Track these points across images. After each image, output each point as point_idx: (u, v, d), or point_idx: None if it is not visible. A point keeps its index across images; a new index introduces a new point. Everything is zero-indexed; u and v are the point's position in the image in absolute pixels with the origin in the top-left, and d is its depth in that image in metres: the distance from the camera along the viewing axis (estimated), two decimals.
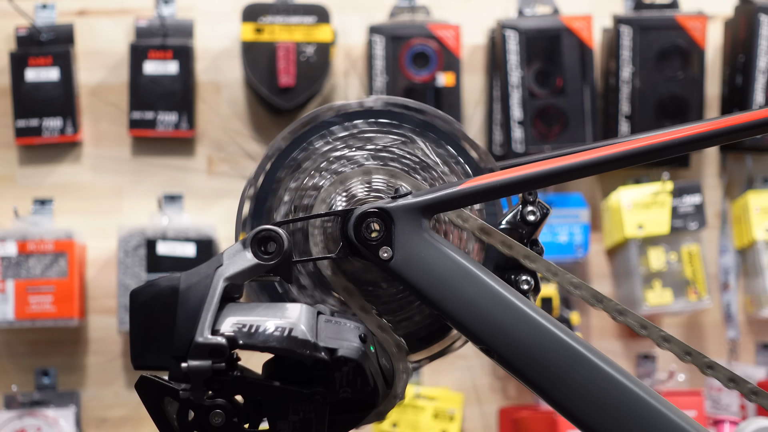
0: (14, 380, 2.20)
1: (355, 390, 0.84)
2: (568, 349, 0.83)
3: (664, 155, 0.88)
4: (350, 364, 0.83)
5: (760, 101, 2.20)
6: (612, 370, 0.85)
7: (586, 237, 2.22)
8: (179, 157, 2.26)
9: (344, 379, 0.83)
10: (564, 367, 0.83)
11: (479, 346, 0.85)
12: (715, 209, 2.29)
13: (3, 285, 2.12)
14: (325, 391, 0.83)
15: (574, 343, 0.84)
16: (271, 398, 0.84)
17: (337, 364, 0.83)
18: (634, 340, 2.29)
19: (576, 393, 0.83)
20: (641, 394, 0.84)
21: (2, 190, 2.24)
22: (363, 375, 0.84)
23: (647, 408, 0.84)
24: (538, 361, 0.83)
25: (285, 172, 0.92)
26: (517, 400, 2.26)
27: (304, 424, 0.84)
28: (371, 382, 0.84)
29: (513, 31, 2.17)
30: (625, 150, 0.87)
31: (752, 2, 2.20)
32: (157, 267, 2.14)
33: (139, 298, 0.83)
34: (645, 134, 0.89)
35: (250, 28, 2.17)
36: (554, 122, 2.19)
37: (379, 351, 0.88)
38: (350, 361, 0.83)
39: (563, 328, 0.85)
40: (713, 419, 2.20)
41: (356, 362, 0.83)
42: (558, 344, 0.84)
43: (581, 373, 0.83)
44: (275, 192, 0.92)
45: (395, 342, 0.89)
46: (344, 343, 0.84)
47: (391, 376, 0.88)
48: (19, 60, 2.19)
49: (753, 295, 2.27)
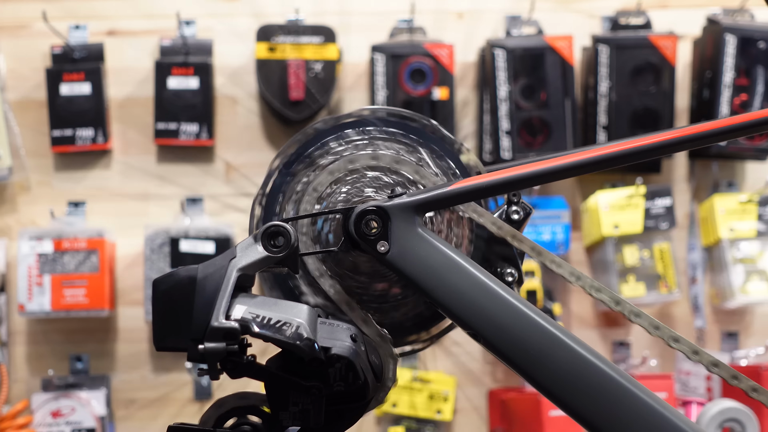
0: (51, 365, 2.21)
1: (348, 384, 0.84)
2: (547, 335, 0.83)
3: (635, 159, 0.88)
4: (342, 361, 0.83)
5: (725, 113, 2.20)
6: (589, 355, 0.84)
7: (567, 235, 2.22)
8: (200, 163, 2.26)
9: (337, 375, 0.84)
10: (544, 351, 0.83)
11: (467, 330, 0.85)
12: (684, 211, 2.29)
13: (40, 279, 2.13)
14: (321, 384, 0.84)
15: (553, 329, 0.84)
16: (274, 388, 0.84)
17: (330, 361, 0.83)
18: (611, 329, 2.29)
19: (555, 374, 0.83)
20: (615, 377, 0.84)
21: (39, 194, 2.25)
22: (354, 371, 0.84)
23: (620, 389, 0.84)
24: (520, 344, 0.83)
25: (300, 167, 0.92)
26: (504, 383, 2.26)
27: (303, 414, 0.84)
28: (361, 376, 0.84)
29: (501, 49, 2.17)
30: (599, 154, 0.87)
31: (718, 23, 2.20)
32: (179, 263, 2.13)
33: (161, 286, 0.83)
34: (618, 142, 0.89)
35: (264, 47, 2.17)
36: (538, 132, 2.19)
37: (368, 349, 0.87)
38: (342, 358, 0.83)
39: (543, 316, 0.84)
40: (682, 400, 2.20)
41: (348, 359, 0.83)
42: (538, 330, 0.83)
43: (559, 356, 0.83)
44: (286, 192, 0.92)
45: (377, 332, 0.89)
46: (337, 343, 0.84)
47: (380, 371, 0.88)
48: (54, 76, 2.19)
49: (718, 288, 2.27)
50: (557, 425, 2.07)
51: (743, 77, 2.21)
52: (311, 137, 0.93)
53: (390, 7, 2.26)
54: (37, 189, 2.24)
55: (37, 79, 2.22)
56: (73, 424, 2.12)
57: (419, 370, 2.23)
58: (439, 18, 2.28)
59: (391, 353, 0.90)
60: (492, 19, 2.28)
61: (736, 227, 2.22)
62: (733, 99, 2.20)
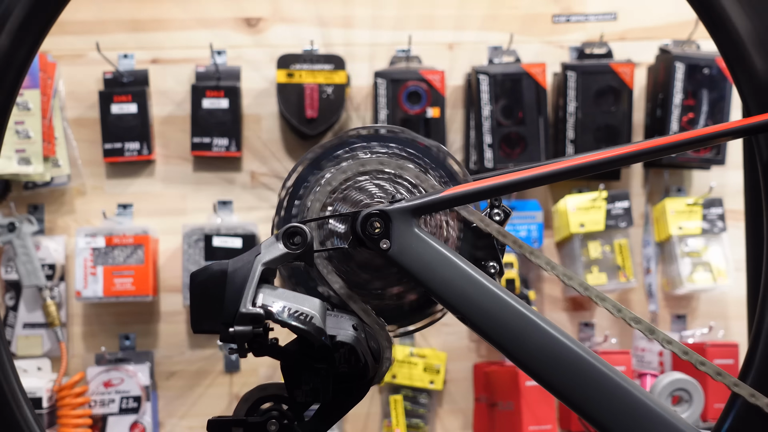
0: (103, 343, 2.21)
1: (351, 366, 0.84)
2: (523, 317, 0.83)
3: (598, 169, 0.87)
4: (346, 347, 0.83)
5: (675, 129, 2.20)
6: (558, 334, 0.84)
7: (540, 233, 2.22)
8: (229, 172, 2.26)
9: (342, 358, 0.84)
10: (520, 331, 0.83)
11: (456, 315, 0.85)
12: (640, 212, 2.29)
13: (94, 270, 2.13)
14: (328, 366, 0.84)
15: (528, 313, 0.84)
16: (289, 368, 0.85)
17: (336, 346, 0.83)
18: (577, 312, 2.29)
19: (530, 351, 0.83)
20: (581, 353, 0.84)
21: (93, 197, 2.25)
22: (356, 354, 0.84)
23: (585, 363, 0.84)
24: (501, 326, 0.83)
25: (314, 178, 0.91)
26: (487, 358, 2.26)
27: (314, 392, 0.84)
28: (362, 359, 0.84)
29: (485, 75, 2.17)
30: (568, 166, 0.87)
31: (669, 52, 2.19)
32: (212, 256, 2.14)
33: (197, 278, 0.83)
34: (584, 154, 0.89)
35: (284, 73, 2.17)
36: (516, 145, 2.19)
37: (368, 336, 0.87)
38: (346, 344, 0.83)
39: (520, 302, 0.84)
40: (638, 373, 2.20)
41: (350, 345, 0.83)
42: (515, 313, 0.83)
43: (533, 335, 0.83)
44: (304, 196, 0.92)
45: (376, 321, 0.89)
46: (341, 331, 0.84)
47: (378, 354, 0.88)
48: (106, 97, 2.20)
49: (669, 277, 2.27)
50: (531, 393, 2.07)
51: (690, 98, 2.21)
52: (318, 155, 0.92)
53: (390, 39, 2.27)
54: (92, 193, 2.25)
55: (92, 100, 2.22)
56: (122, 393, 2.13)
57: (415, 347, 2.23)
58: (431, 48, 2.28)
59: (387, 338, 0.90)
60: (477, 50, 2.28)
61: (684, 226, 2.22)
62: (682, 117, 2.20)
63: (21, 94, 2.06)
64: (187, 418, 2.23)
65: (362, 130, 0.94)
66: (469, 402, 2.27)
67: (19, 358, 2.17)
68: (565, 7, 2.29)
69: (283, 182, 0.92)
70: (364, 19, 2.27)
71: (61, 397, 2.09)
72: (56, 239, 2.21)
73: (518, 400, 2.07)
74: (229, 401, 2.24)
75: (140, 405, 2.13)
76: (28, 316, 2.18)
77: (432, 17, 2.28)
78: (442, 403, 2.26)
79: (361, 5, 2.26)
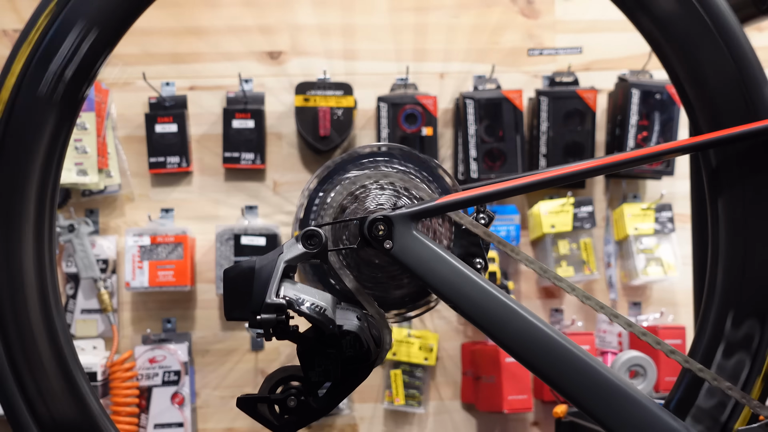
0: (148, 326, 2.21)
1: (356, 350, 0.84)
2: (504, 305, 0.83)
3: (567, 180, 0.88)
4: (351, 335, 0.83)
5: (631, 146, 2.20)
6: (533, 318, 0.84)
7: (518, 233, 2.22)
8: (255, 181, 2.27)
9: (348, 344, 0.83)
10: (501, 316, 0.83)
11: (448, 303, 0.85)
12: (602, 215, 2.29)
13: (141, 264, 2.13)
14: (337, 351, 0.84)
15: (508, 301, 0.84)
16: (305, 352, 0.84)
17: (343, 334, 0.83)
18: (549, 300, 2.30)
19: (509, 333, 0.83)
20: (552, 334, 0.84)
21: (140, 203, 2.25)
22: (360, 341, 0.83)
23: (555, 343, 0.84)
24: (484, 312, 0.83)
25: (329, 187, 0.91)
26: (473, 338, 2.26)
27: (325, 372, 0.84)
28: (365, 345, 0.84)
29: (471, 99, 2.17)
30: (541, 178, 0.87)
31: (626, 80, 2.20)
32: (241, 253, 2.14)
33: (229, 274, 0.83)
34: (555, 167, 0.90)
35: (301, 98, 2.17)
36: (497, 159, 2.19)
37: (370, 325, 0.87)
38: (351, 332, 0.83)
39: (502, 292, 0.84)
40: (600, 351, 2.20)
41: (355, 333, 0.83)
42: (497, 302, 0.83)
43: (512, 320, 0.83)
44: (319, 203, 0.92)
45: (377, 311, 0.89)
46: (348, 322, 0.84)
47: (379, 340, 0.87)
48: (151, 118, 2.20)
49: (626, 270, 2.27)
50: (510, 368, 2.07)
51: (644, 119, 2.21)
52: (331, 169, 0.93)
53: (391, 69, 2.27)
54: (139, 200, 2.25)
55: (139, 121, 2.23)
56: (165, 368, 2.13)
57: (412, 329, 2.23)
58: (425, 77, 2.28)
59: (387, 326, 0.90)
60: (464, 78, 2.28)
61: (639, 227, 2.22)
62: (637, 135, 2.21)
63: (79, 117, 2.06)
64: (219, 389, 2.23)
65: (367, 147, 0.94)
66: (458, 375, 2.27)
67: (77, 338, 2.17)
68: (538, 43, 2.30)
69: (302, 191, 0.92)
70: (369, 52, 2.28)
71: (112, 371, 2.09)
72: (109, 238, 2.21)
73: (499, 374, 2.07)
74: (255, 375, 2.24)
75: (180, 378, 2.13)
76: (85, 303, 2.19)
77: (426, 51, 2.29)
78: (434, 376, 2.26)
79: (365, 40, 2.27)
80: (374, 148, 0.94)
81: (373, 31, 2.28)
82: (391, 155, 0.92)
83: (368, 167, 0.91)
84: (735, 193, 0.85)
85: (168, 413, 2.12)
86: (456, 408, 2.28)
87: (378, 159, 0.93)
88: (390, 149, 0.93)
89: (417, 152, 0.92)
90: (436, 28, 2.29)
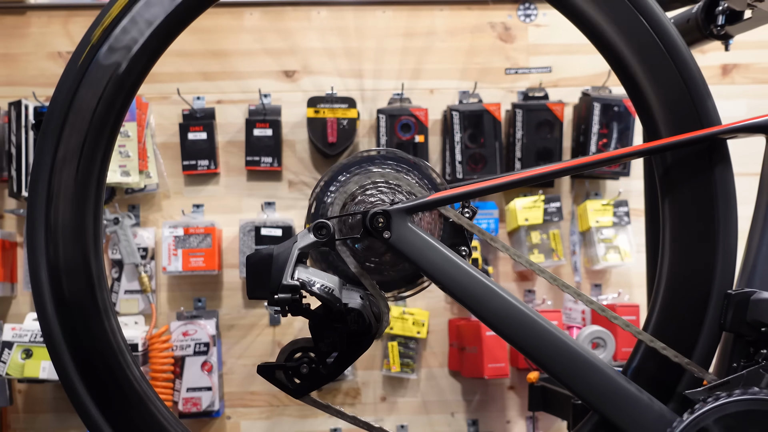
0: (182, 304, 2.21)
1: (359, 325, 0.83)
2: (485, 286, 0.83)
3: (538, 180, 0.88)
4: (355, 311, 0.83)
5: (593, 151, 2.20)
6: (509, 297, 0.84)
7: (497, 225, 2.22)
8: (272, 181, 2.26)
9: (352, 320, 0.83)
10: (483, 295, 0.83)
11: (437, 284, 0.85)
12: (568, 210, 2.29)
13: (176, 252, 2.13)
14: (342, 326, 0.83)
15: (488, 283, 0.84)
16: (315, 326, 0.84)
17: (348, 311, 0.83)
18: (523, 282, 2.30)
19: (489, 310, 0.83)
20: (526, 311, 0.84)
21: (175, 200, 2.24)
22: (362, 317, 0.83)
23: (529, 318, 0.83)
24: (469, 292, 0.83)
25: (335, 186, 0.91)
26: (459, 315, 2.26)
27: (333, 344, 0.84)
28: (367, 321, 0.84)
29: (456, 111, 2.17)
30: (517, 178, 0.87)
31: (589, 95, 2.19)
32: (260, 242, 2.14)
33: (251, 259, 0.83)
34: (528, 169, 0.89)
35: (312, 110, 2.17)
36: (479, 162, 2.19)
37: (371, 303, 0.87)
38: (355, 310, 0.83)
39: (483, 275, 0.84)
40: (567, 326, 2.20)
41: (358, 310, 0.83)
42: (480, 284, 0.83)
43: (492, 299, 0.83)
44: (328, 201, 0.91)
45: (378, 292, 0.88)
46: (352, 300, 0.83)
47: (379, 316, 0.87)
48: (184, 128, 2.20)
49: (589, 257, 2.27)
50: (490, 340, 2.08)
51: (604, 128, 2.21)
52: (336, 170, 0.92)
53: (388, 86, 2.26)
54: (174, 197, 2.25)
55: (174, 129, 2.22)
56: (196, 340, 2.13)
57: (407, 307, 2.23)
58: (418, 93, 2.28)
59: (385, 304, 0.90)
60: (451, 93, 2.28)
61: (600, 220, 2.22)
62: (598, 142, 2.20)
63: (123, 126, 2.06)
64: (242, 358, 2.23)
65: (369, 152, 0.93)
66: (445, 347, 2.27)
67: (121, 315, 2.17)
68: (514, 63, 2.29)
69: (313, 189, 0.92)
70: (369, 71, 2.27)
71: (151, 343, 2.09)
72: (148, 230, 2.21)
73: (480, 345, 2.07)
74: (272, 346, 2.24)
75: (209, 349, 2.13)
76: (128, 285, 2.18)
77: (418, 70, 2.28)
78: (425, 347, 2.26)
79: (367, 62, 2.26)
80: (374, 152, 0.93)
81: (373, 54, 2.27)
82: (388, 158, 0.92)
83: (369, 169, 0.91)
84: (682, 190, 0.85)
85: (198, 379, 2.12)
86: (443, 374, 2.28)
87: (378, 162, 0.92)
88: (388, 153, 0.93)
89: (411, 156, 0.92)
90: (427, 51, 2.29)
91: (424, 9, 2.29)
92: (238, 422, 2.23)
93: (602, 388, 0.81)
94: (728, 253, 0.83)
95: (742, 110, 2.31)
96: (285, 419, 2.25)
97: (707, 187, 0.83)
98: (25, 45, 2.24)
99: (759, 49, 1.80)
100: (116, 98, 0.85)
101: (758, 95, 2.32)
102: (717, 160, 0.84)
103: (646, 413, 0.81)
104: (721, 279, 0.83)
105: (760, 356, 0.80)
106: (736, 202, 0.84)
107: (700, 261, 0.84)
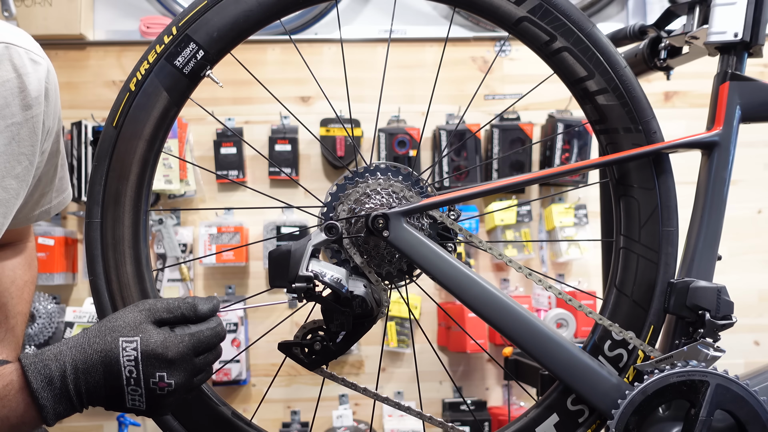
0: (215, 291, 2.21)
1: (363, 309, 0.82)
2: (467, 276, 0.83)
3: (512, 188, 0.87)
4: (360, 298, 0.82)
5: (558, 163, 2.20)
6: (488, 285, 0.84)
7: (477, 225, 2.22)
8: (291, 188, 2.26)
9: (357, 305, 0.82)
10: (466, 283, 0.83)
11: (428, 275, 0.85)
12: (537, 212, 2.29)
13: (210, 247, 2.12)
14: (349, 309, 0.82)
15: (470, 273, 0.84)
16: (326, 310, 0.83)
17: (353, 297, 0.82)
18: (499, 272, 2.29)
19: (471, 295, 0.82)
20: (501, 296, 0.83)
21: (210, 204, 2.24)
22: (366, 302, 0.82)
23: (504, 303, 0.83)
24: (454, 281, 0.82)
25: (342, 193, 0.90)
26: (446, 300, 2.26)
27: (341, 325, 0.83)
28: (370, 306, 0.83)
29: (444, 130, 2.17)
30: (494, 186, 0.87)
31: (554, 117, 2.20)
32: (281, 239, 2.14)
33: (273, 254, 0.82)
34: (503, 179, 0.89)
35: (324, 129, 2.17)
36: (462, 173, 2.19)
37: (373, 290, 0.86)
38: (360, 296, 0.82)
39: (466, 266, 0.83)
40: (535, 309, 2.20)
41: (362, 297, 0.82)
42: (462, 274, 0.83)
43: (473, 286, 0.82)
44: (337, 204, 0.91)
45: (377, 281, 0.87)
46: (357, 288, 0.82)
47: (379, 302, 0.86)
48: (217, 144, 2.20)
49: (554, 251, 2.27)
50: (472, 321, 2.07)
51: (567, 144, 2.21)
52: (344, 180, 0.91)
53: (387, 109, 2.26)
54: (209, 201, 2.25)
55: (209, 145, 2.23)
56: (227, 321, 2.13)
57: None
58: (412, 115, 2.28)
59: (384, 292, 0.89)
60: (439, 115, 2.28)
61: (563, 221, 2.22)
62: (562, 156, 2.21)
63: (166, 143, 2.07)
64: (265, 336, 2.23)
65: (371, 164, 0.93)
66: (435, 326, 2.27)
67: None
68: (491, 90, 2.30)
69: (325, 195, 0.91)
70: (371, 97, 2.27)
71: None
72: (187, 229, 2.21)
73: (464, 325, 2.07)
74: (291, 326, 2.24)
75: (237, 328, 2.13)
76: (171, 274, 2.18)
77: (412, 95, 2.28)
78: (418, 326, 2.26)
79: (369, 89, 2.26)
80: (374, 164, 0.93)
81: (375, 83, 2.27)
82: (388, 170, 0.92)
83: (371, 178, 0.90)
84: (630, 196, 0.85)
85: (229, 353, 2.11)
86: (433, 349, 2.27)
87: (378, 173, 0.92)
88: (387, 165, 0.92)
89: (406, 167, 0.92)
90: (419, 81, 2.29)
91: (416, 45, 2.29)
92: (261, 389, 2.23)
93: (565, 361, 0.81)
94: (671, 248, 0.83)
95: (682, 130, 2.31)
96: (301, 386, 2.25)
97: (652, 194, 0.83)
98: (85, 75, 2.25)
99: (696, 79, 1.81)
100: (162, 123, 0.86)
101: (695, 117, 2.32)
102: (660, 171, 0.84)
103: (603, 383, 0.81)
104: (665, 270, 0.83)
105: (698, 335, 0.80)
106: (677, 206, 0.84)
107: (648, 255, 0.84)
